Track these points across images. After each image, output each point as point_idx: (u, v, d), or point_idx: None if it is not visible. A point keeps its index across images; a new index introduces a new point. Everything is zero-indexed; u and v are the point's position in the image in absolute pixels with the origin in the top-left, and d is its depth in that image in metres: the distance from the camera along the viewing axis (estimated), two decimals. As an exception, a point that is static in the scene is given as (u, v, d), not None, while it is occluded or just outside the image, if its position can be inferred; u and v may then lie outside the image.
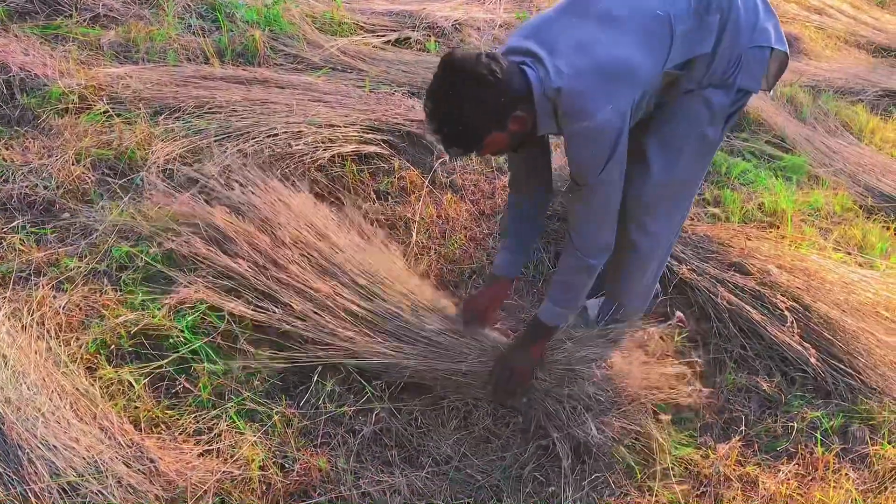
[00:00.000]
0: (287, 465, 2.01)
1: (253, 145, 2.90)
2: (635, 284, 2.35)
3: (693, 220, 3.00)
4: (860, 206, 3.50)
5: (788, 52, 2.07)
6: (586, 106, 1.81)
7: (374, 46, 4.05)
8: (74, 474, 1.76)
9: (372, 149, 3.09)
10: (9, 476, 1.70)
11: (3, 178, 2.67)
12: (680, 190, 2.21)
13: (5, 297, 2.20)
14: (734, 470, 2.16)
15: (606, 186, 1.95)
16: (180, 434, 2.02)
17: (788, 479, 2.15)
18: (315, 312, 2.26)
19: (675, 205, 2.24)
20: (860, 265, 2.94)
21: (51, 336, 2.12)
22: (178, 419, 2.06)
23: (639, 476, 2.11)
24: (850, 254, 3.05)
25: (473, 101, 1.79)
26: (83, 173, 2.72)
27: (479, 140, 1.87)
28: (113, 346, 2.17)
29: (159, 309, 2.25)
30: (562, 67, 1.81)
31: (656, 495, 2.07)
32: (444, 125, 1.85)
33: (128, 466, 1.84)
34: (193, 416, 2.07)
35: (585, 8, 1.91)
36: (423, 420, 2.21)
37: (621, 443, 2.15)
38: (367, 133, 3.13)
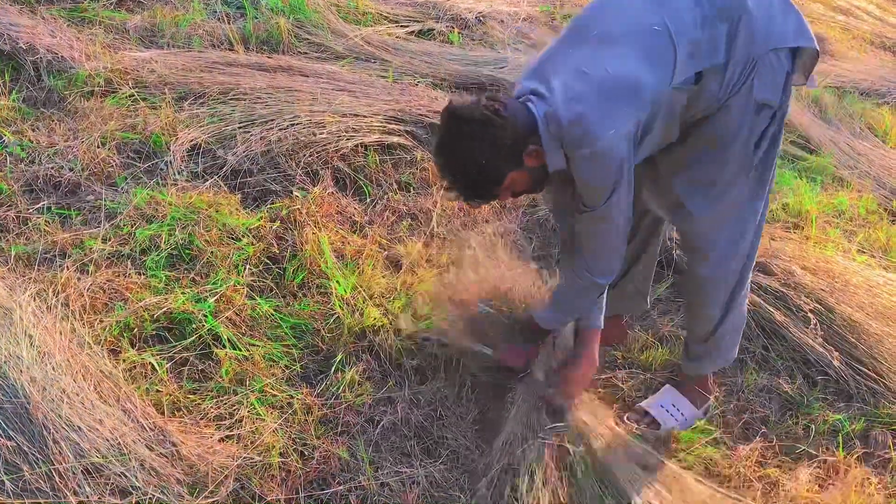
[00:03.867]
0: (307, 453, 2.01)
1: (277, 133, 2.90)
2: (716, 311, 2.21)
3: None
4: (885, 210, 3.47)
5: (816, 46, 1.94)
6: (588, 130, 1.75)
7: (397, 37, 4.04)
8: (98, 455, 1.77)
9: (395, 139, 3.08)
10: (34, 455, 1.71)
11: (30, 159, 2.68)
12: (732, 213, 2.06)
13: (31, 278, 2.21)
14: (755, 471, 2.15)
15: (615, 212, 1.89)
16: (202, 419, 2.02)
17: (809, 482, 2.14)
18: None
19: (733, 229, 2.08)
20: (885, 269, 2.92)
21: (75, 317, 2.12)
22: (199, 404, 2.06)
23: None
24: (874, 257, 3.02)
25: (483, 143, 1.77)
26: (108, 156, 2.73)
27: (499, 183, 1.84)
28: (136, 329, 2.18)
29: (182, 293, 2.26)
30: (559, 96, 1.77)
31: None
32: (460, 176, 1.84)
33: (150, 449, 1.85)
34: (215, 401, 2.08)
35: (584, 35, 1.86)
36: (443, 412, 2.21)
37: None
38: (391, 123, 3.13)
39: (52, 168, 2.64)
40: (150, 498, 1.76)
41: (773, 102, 1.91)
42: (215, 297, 2.28)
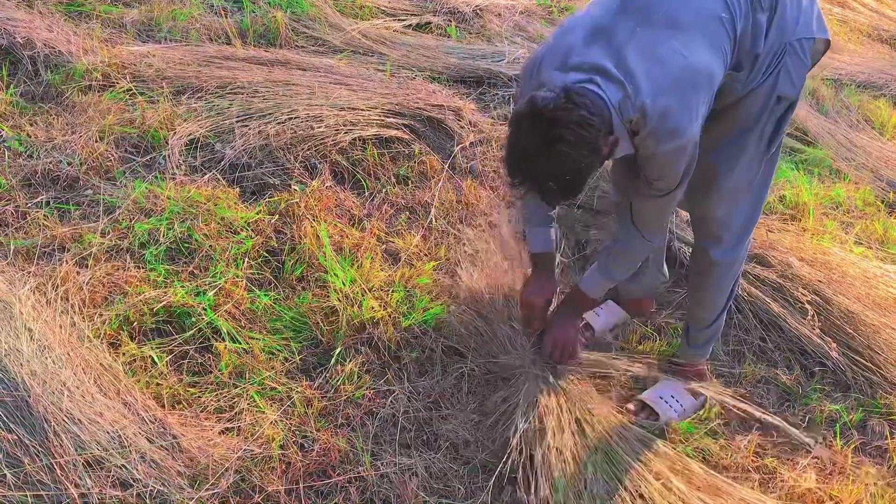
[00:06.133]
0: (307, 445, 2.02)
1: (274, 127, 2.90)
2: (721, 299, 2.28)
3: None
4: (882, 202, 3.48)
5: (829, 37, 1.98)
6: (677, 125, 1.73)
7: (394, 30, 4.04)
8: (99, 448, 1.78)
9: (393, 133, 3.08)
10: (35, 448, 1.72)
11: (28, 153, 2.68)
12: (745, 198, 2.11)
13: (30, 272, 2.21)
14: (752, 462, 2.16)
15: (680, 190, 1.92)
16: (202, 412, 2.03)
17: (807, 472, 2.15)
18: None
19: (745, 213, 2.13)
20: (882, 260, 2.93)
21: (74, 311, 2.13)
22: (199, 397, 2.07)
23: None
24: (871, 248, 3.03)
25: (582, 147, 1.66)
26: (106, 150, 2.73)
27: (587, 181, 1.76)
28: (135, 323, 2.18)
29: (181, 286, 2.26)
30: (643, 85, 1.70)
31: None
32: (551, 181, 1.72)
33: (150, 442, 1.85)
34: (214, 394, 2.08)
35: (645, 14, 1.77)
36: (442, 403, 2.21)
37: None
38: (388, 117, 3.13)
39: (51, 162, 2.64)
40: (150, 490, 1.77)
41: (791, 96, 1.96)
42: (214, 291, 2.29)
